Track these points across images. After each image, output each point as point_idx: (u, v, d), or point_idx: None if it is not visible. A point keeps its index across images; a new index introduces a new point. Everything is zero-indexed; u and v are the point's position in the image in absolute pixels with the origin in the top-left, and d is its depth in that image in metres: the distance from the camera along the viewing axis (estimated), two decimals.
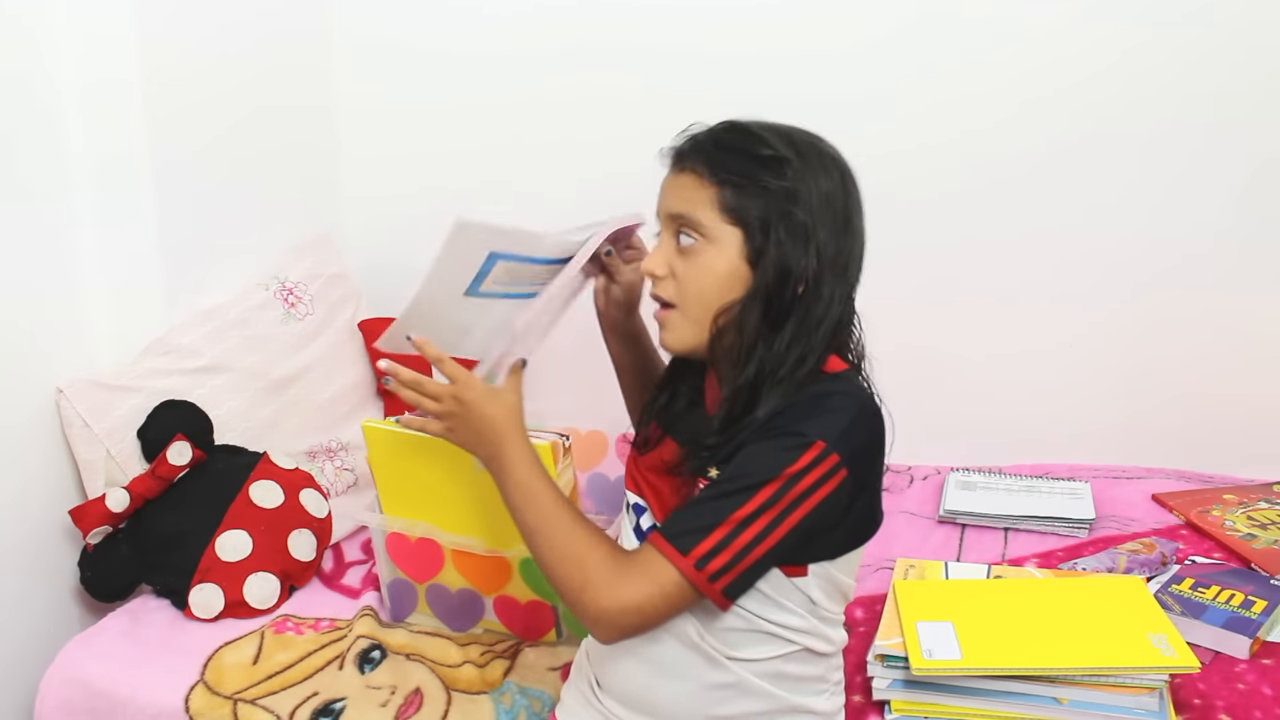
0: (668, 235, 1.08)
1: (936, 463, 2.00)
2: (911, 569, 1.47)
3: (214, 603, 1.53)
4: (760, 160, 1.04)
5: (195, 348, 1.73)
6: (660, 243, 1.10)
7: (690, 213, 1.05)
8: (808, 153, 1.05)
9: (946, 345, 2.03)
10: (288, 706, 1.35)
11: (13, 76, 1.52)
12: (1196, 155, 1.88)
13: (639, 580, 0.99)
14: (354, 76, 2.15)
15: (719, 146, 1.06)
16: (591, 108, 2.05)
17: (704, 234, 1.04)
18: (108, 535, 1.58)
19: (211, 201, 1.82)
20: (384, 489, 1.48)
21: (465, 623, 1.50)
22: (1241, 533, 1.66)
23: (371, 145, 2.19)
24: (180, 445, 1.59)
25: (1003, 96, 1.91)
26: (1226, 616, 1.37)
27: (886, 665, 1.22)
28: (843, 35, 1.94)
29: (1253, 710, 1.24)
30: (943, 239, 1.98)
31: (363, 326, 2.02)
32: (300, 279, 1.94)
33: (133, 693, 1.39)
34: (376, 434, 1.42)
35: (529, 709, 1.34)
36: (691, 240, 1.05)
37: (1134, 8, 1.83)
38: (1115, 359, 2.00)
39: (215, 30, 1.81)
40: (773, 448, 0.99)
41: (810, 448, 0.98)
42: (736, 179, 1.04)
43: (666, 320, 1.09)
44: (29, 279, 1.57)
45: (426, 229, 2.18)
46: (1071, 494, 1.83)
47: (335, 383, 1.92)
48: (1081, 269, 1.97)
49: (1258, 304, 1.93)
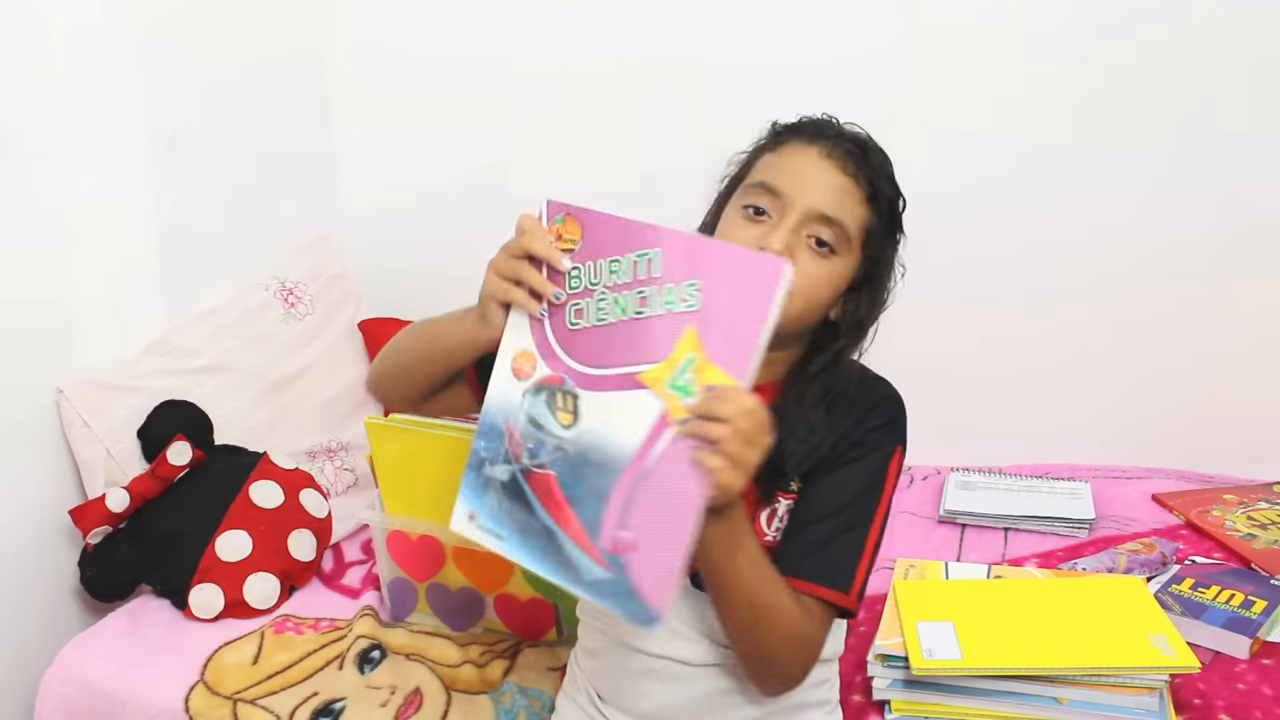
0: (798, 226, 0.97)
1: (936, 463, 2.00)
2: (911, 569, 1.47)
3: (214, 603, 1.53)
4: (893, 185, 1.04)
5: (195, 348, 1.73)
6: (787, 227, 0.97)
7: (844, 222, 0.98)
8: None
9: (947, 345, 2.02)
10: (288, 706, 1.35)
11: (13, 76, 1.52)
12: (1196, 156, 1.87)
13: (819, 629, 0.99)
14: (354, 77, 2.15)
15: (879, 168, 1.02)
16: (595, 109, 2.05)
17: (841, 246, 0.99)
18: (108, 535, 1.58)
19: (211, 202, 1.82)
20: (386, 486, 1.48)
21: (465, 622, 1.50)
22: (1241, 533, 1.66)
23: (371, 145, 2.19)
24: (180, 445, 1.59)
25: (1003, 100, 1.91)
26: (1226, 616, 1.37)
27: (887, 665, 1.22)
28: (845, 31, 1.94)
29: (1253, 710, 1.24)
30: (943, 240, 1.97)
31: (363, 326, 2.02)
32: (300, 279, 1.94)
33: (133, 693, 1.40)
34: (379, 430, 1.42)
35: (529, 709, 1.34)
36: (830, 246, 0.99)
37: (1133, 8, 1.83)
38: (1115, 359, 2.00)
39: (216, 31, 1.81)
40: (876, 464, 1.02)
41: (895, 456, 1.04)
42: (882, 202, 1.02)
43: None
44: (29, 279, 1.57)
45: (426, 229, 2.22)
46: (1071, 494, 1.83)
47: (335, 383, 1.93)
48: (1082, 269, 1.97)
49: (1258, 304, 1.93)
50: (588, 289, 0.89)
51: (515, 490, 0.91)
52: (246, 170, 1.91)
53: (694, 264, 0.84)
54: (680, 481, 0.82)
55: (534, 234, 0.90)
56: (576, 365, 0.89)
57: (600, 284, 0.88)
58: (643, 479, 0.84)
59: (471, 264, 2.35)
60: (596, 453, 0.86)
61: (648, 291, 0.85)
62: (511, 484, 0.92)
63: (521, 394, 0.91)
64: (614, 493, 0.85)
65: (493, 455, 0.92)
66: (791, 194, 0.98)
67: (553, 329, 0.91)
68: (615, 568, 0.85)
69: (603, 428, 0.87)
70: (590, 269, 0.89)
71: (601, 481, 0.86)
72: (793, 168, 1.00)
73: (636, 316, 0.86)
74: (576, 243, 0.89)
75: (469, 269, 2.25)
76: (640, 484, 0.84)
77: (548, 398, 0.90)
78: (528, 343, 0.92)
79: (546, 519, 0.89)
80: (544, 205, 0.92)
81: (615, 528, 0.85)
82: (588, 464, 0.87)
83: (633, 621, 0.85)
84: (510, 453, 0.91)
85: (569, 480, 0.88)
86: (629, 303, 0.86)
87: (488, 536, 0.93)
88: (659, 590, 0.83)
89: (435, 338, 1.03)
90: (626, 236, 0.87)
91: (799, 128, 1.04)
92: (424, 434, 1.39)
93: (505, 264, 0.91)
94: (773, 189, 0.99)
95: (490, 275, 0.93)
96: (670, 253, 0.85)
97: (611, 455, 0.85)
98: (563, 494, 0.88)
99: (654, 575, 0.84)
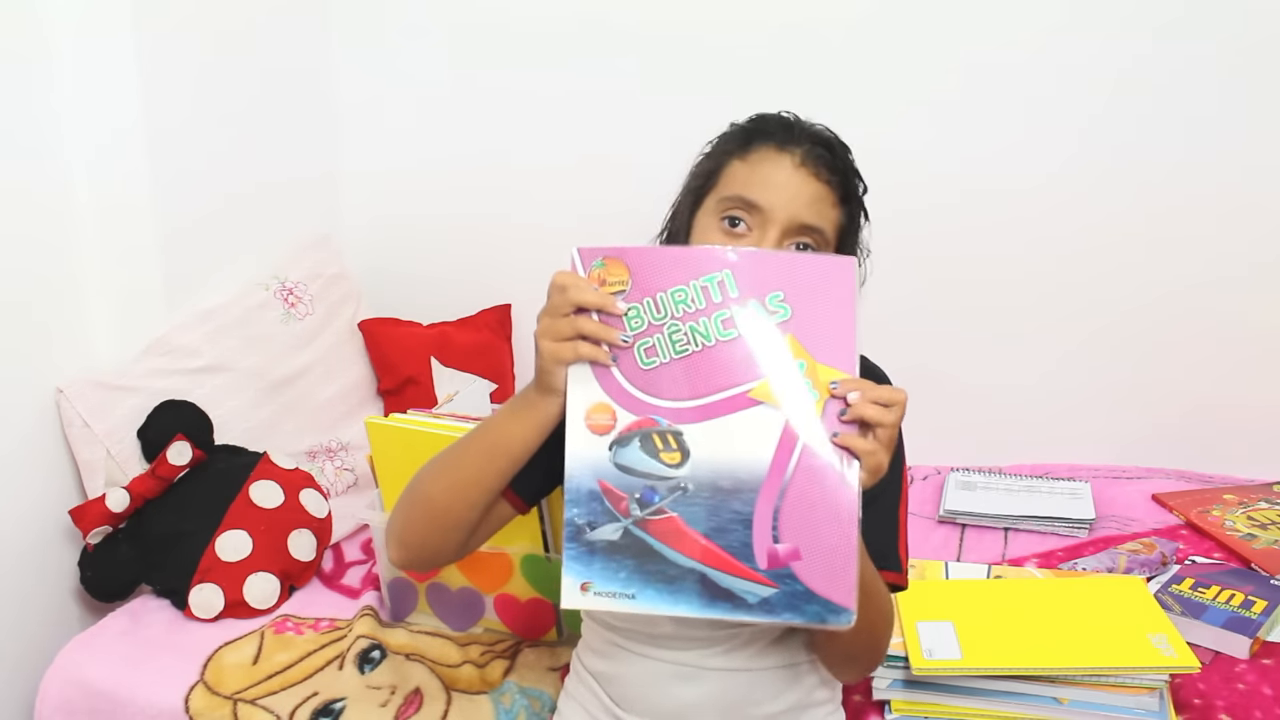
0: (775, 233, 0.98)
1: (936, 463, 2.00)
2: (911, 569, 1.47)
3: (214, 603, 1.53)
4: (859, 189, 1.05)
5: (195, 348, 1.73)
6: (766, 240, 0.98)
7: (823, 228, 1.00)
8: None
9: (947, 345, 2.03)
10: (288, 706, 1.35)
11: (12, 76, 1.52)
12: (1196, 160, 1.87)
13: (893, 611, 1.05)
14: (354, 77, 2.16)
15: (850, 169, 1.04)
16: (593, 109, 2.05)
17: (820, 252, 1.01)
18: (108, 535, 1.58)
19: (211, 202, 1.82)
20: (386, 486, 1.48)
21: (465, 622, 1.50)
22: (1241, 533, 1.66)
23: (371, 145, 2.19)
24: (180, 445, 1.59)
25: (1004, 105, 1.91)
26: (1226, 616, 1.37)
27: (886, 665, 1.22)
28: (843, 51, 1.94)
29: (1253, 710, 1.24)
30: (944, 243, 1.98)
31: (363, 326, 2.02)
32: (300, 279, 1.94)
33: (133, 693, 1.39)
34: (379, 430, 1.42)
35: (529, 709, 1.34)
36: (810, 250, 1.00)
37: (1132, 22, 1.83)
38: (1115, 359, 2.00)
39: (216, 31, 1.81)
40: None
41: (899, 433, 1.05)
42: (854, 205, 1.04)
43: None
44: (29, 279, 1.57)
45: (426, 229, 2.22)
46: (1071, 494, 1.83)
47: (335, 383, 1.93)
48: (1082, 270, 1.97)
49: (1257, 305, 1.93)
50: (652, 325, 0.88)
51: (634, 544, 0.89)
52: (246, 170, 1.91)
53: (767, 277, 0.86)
54: (825, 481, 0.85)
55: (578, 286, 0.87)
56: (666, 403, 0.88)
57: (666, 317, 0.88)
58: (786, 490, 0.86)
59: (471, 265, 2.38)
60: (725, 479, 0.87)
61: (730, 312, 0.86)
62: (626, 540, 0.89)
63: (608, 448, 0.89)
64: (757, 512, 0.86)
65: (593, 519, 0.89)
66: (771, 208, 0.99)
67: (624, 374, 0.89)
68: (783, 580, 0.86)
69: (723, 454, 0.87)
70: (649, 306, 0.88)
71: (740, 505, 0.86)
72: (768, 180, 1.00)
73: (725, 339, 0.87)
74: (624, 283, 0.89)
75: (469, 269, 2.28)
76: (784, 496, 0.86)
77: (642, 443, 0.89)
78: (598, 396, 0.90)
79: (685, 560, 0.88)
80: (575, 255, 0.90)
81: (770, 543, 0.86)
82: (718, 493, 0.87)
83: (821, 622, 0.86)
84: (613, 510, 0.89)
85: (699, 515, 0.87)
86: (711, 327, 0.87)
87: (614, 600, 0.90)
88: (839, 585, 0.85)
89: (492, 448, 0.96)
90: (685, 265, 0.87)
91: (766, 131, 1.04)
92: (424, 434, 1.39)
93: (556, 325, 0.88)
94: (750, 203, 0.99)
95: (544, 344, 0.89)
96: (740, 271, 0.86)
97: (742, 478, 0.86)
98: (696, 530, 0.87)
99: (828, 573, 0.85)
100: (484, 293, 2.15)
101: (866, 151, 1.10)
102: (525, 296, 2.13)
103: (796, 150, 1.01)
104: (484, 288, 2.15)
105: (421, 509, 0.99)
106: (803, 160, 1.00)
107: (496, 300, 2.14)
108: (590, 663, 1.15)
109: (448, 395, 1.72)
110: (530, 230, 2.07)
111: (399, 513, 1.00)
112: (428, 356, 1.99)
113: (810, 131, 1.04)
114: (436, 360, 2.00)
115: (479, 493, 0.97)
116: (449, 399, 1.65)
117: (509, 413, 0.95)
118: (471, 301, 2.13)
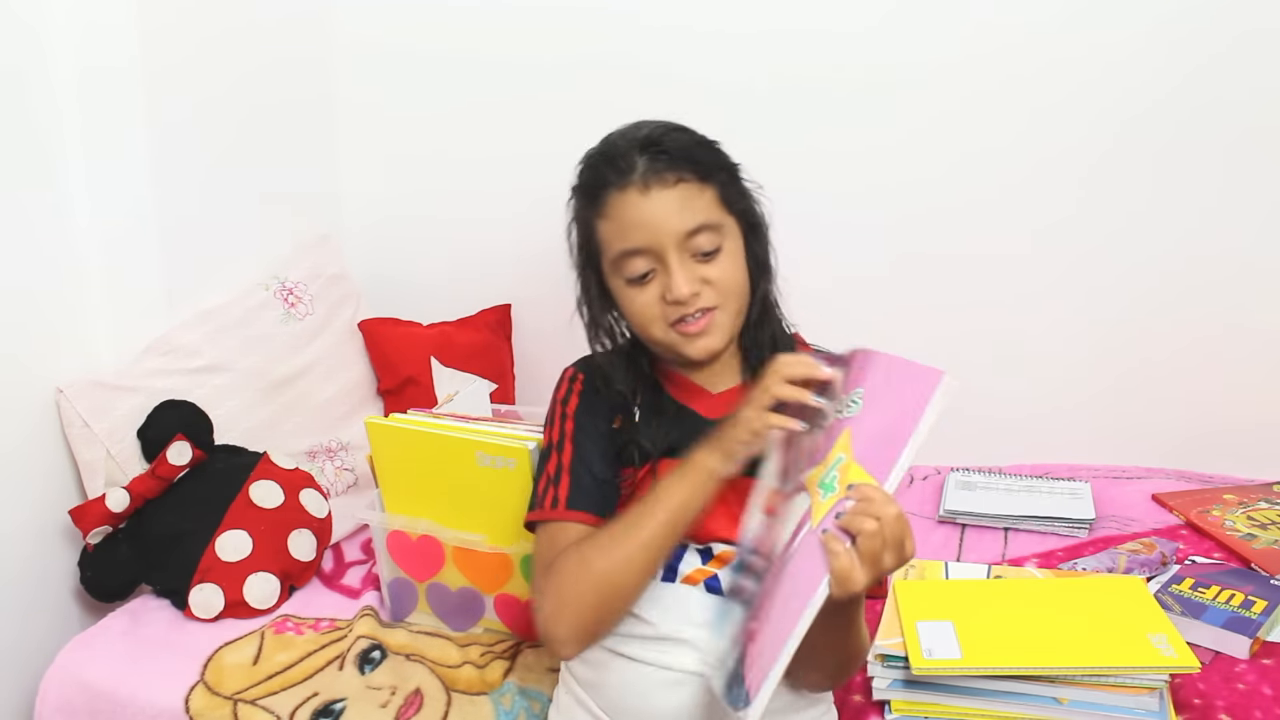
0: (681, 256, 1.04)
1: (936, 463, 2.00)
2: (911, 569, 1.47)
3: (214, 603, 1.53)
4: (710, 147, 1.09)
5: (195, 348, 1.73)
6: (675, 267, 1.03)
7: (708, 220, 1.05)
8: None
9: (947, 345, 2.02)
10: (288, 707, 1.35)
11: (11, 73, 1.52)
12: (1196, 160, 1.88)
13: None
14: (354, 76, 2.16)
15: (691, 148, 1.07)
16: (594, 111, 2.04)
17: (722, 234, 1.06)
18: (108, 535, 1.58)
19: (211, 202, 1.82)
20: (386, 486, 1.48)
21: (465, 622, 1.50)
22: (1241, 533, 1.66)
23: (371, 145, 2.19)
24: (180, 445, 1.59)
25: (1005, 102, 1.91)
26: (1226, 616, 1.37)
27: (886, 665, 1.22)
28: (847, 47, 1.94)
29: (1253, 710, 1.24)
30: (944, 242, 1.98)
31: (363, 326, 2.02)
32: (300, 279, 1.94)
33: (133, 693, 1.39)
34: (379, 430, 1.42)
35: (528, 709, 1.34)
36: (716, 244, 1.05)
37: (1138, 18, 1.83)
38: (1115, 359, 2.00)
39: (217, 30, 1.81)
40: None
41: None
42: (716, 172, 1.07)
43: (711, 325, 1.07)
44: (29, 279, 1.57)
45: (426, 230, 2.22)
46: (1071, 494, 1.83)
47: (335, 383, 1.93)
48: (1082, 270, 1.97)
49: (1257, 305, 1.93)
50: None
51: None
52: (247, 170, 1.91)
53: (861, 373, 0.91)
54: (799, 577, 0.86)
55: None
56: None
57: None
58: (781, 571, 0.88)
59: (471, 265, 2.37)
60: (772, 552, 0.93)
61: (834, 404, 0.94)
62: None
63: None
64: (763, 588, 0.90)
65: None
66: (653, 243, 1.03)
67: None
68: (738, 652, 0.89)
69: (779, 529, 0.93)
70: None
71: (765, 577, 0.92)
72: (633, 222, 1.04)
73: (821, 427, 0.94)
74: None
75: (469, 269, 2.27)
76: (778, 576, 0.89)
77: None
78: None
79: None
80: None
81: (750, 619, 0.90)
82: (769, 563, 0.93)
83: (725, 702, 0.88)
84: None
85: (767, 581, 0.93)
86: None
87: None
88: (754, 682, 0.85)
89: (682, 511, 1.00)
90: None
91: (601, 179, 1.07)
92: (424, 434, 1.39)
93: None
94: (635, 251, 1.04)
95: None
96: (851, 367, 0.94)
97: (774, 553, 0.92)
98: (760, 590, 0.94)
99: (758, 666, 0.86)
100: (484, 293, 2.14)
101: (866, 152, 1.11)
102: (525, 296, 2.13)
103: (634, 177, 1.03)
104: (484, 288, 2.15)
105: (604, 593, 1.02)
106: (646, 183, 1.03)
107: (496, 300, 2.14)
108: (578, 671, 1.16)
109: (448, 395, 1.72)
110: (530, 230, 2.07)
111: (569, 604, 1.01)
112: (428, 356, 1.99)
113: (634, 147, 1.05)
114: (436, 360, 2.00)
115: (660, 562, 1.03)
116: (449, 399, 1.65)
117: (692, 487, 1.00)
118: (471, 301, 2.13)
